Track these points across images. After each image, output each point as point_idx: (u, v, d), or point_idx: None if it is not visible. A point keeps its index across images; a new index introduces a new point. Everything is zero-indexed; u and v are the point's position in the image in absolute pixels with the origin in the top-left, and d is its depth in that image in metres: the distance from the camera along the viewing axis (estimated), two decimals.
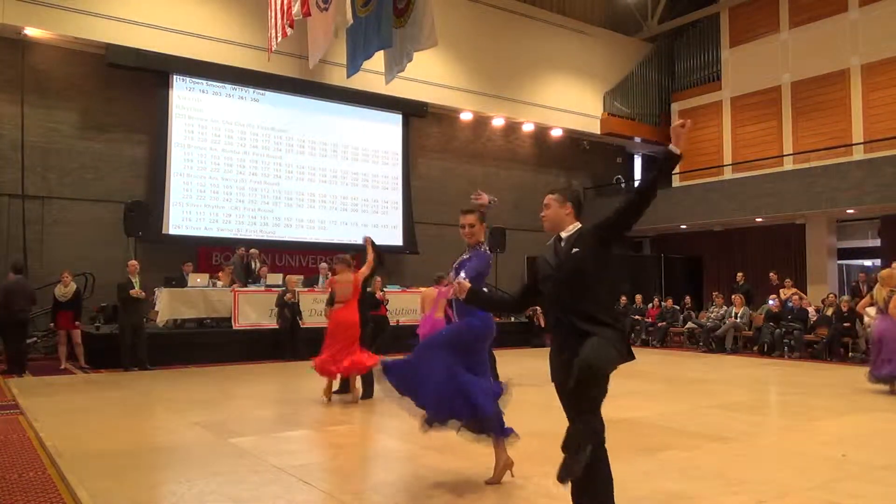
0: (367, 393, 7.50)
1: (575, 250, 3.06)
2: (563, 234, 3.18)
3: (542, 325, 15.05)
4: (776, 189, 16.11)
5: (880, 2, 15.87)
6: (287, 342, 11.77)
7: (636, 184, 4.44)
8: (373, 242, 7.39)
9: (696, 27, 20.08)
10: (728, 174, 18.52)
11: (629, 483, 4.47)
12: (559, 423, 3.02)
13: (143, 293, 10.48)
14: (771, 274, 15.15)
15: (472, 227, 4.33)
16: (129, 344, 10.23)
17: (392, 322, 13.36)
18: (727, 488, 4.32)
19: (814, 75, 17.08)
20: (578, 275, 2.99)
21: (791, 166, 17.00)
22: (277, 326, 11.96)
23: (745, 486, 4.38)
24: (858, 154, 15.82)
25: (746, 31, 18.68)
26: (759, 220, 16.99)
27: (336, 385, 7.60)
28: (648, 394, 8.47)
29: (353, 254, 7.91)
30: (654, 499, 4.13)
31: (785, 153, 17.46)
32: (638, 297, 16.50)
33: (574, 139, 20.03)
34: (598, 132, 19.67)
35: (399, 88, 14.81)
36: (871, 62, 16.05)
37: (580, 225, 3.19)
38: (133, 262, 10.66)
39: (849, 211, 15.74)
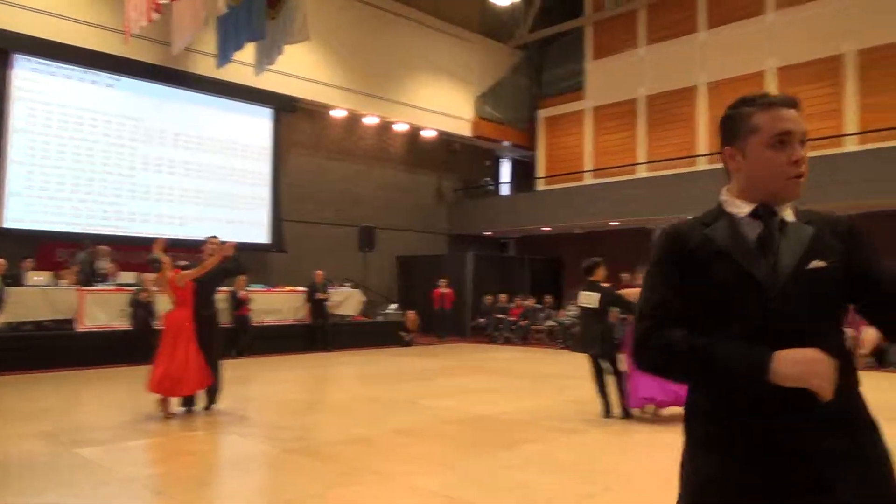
0: (212, 400, 7.05)
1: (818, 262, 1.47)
2: (787, 216, 1.56)
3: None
4: (633, 195, 17.18)
5: (728, 25, 17.24)
6: (140, 344, 11.08)
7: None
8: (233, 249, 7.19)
9: (563, 38, 20.97)
10: (588, 179, 19.50)
11: (495, 476, 4.60)
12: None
13: None
14: (624, 275, 16.05)
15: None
16: None
17: (256, 322, 13.00)
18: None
19: (667, 90, 18.36)
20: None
21: (645, 174, 18.19)
22: (130, 328, 11.25)
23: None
24: (703, 164, 17.21)
25: (608, 45, 19.75)
26: (616, 223, 18.02)
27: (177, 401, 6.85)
28: (510, 390, 8.75)
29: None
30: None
31: (639, 161, 18.65)
32: (503, 297, 16.97)
33: (445, 140, 20.32)
34: (470, 135, 20.08)
35: (270, 82, 14.40)
36: (717, 80, 17.42)
37: None
38: None
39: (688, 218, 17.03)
